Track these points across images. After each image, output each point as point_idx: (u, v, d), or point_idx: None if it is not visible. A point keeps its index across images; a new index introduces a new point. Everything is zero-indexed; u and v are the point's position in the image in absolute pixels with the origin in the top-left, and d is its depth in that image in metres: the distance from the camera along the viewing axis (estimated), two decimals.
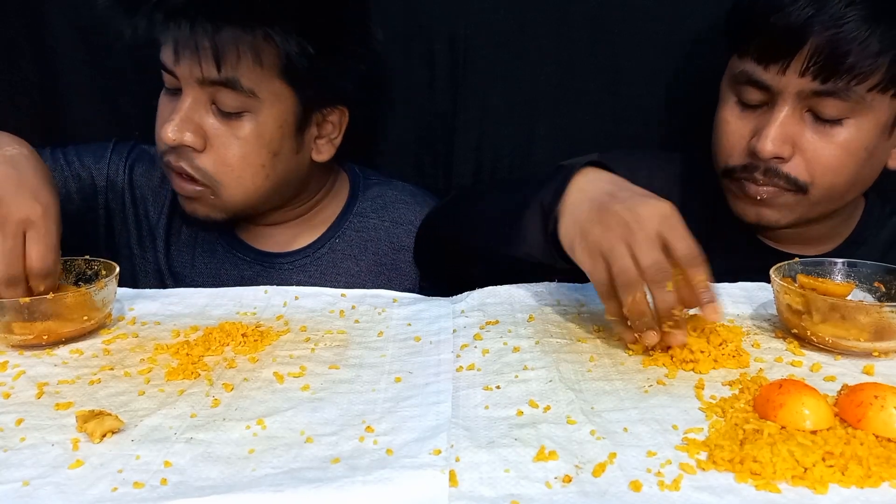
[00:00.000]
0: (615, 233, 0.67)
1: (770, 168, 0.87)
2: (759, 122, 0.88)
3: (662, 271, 0.66)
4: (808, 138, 0.86)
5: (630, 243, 0.66)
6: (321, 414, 0.60)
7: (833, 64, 0.80)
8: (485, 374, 0.66)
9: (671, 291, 0.66)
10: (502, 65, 1.12)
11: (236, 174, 0.93)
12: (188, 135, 0.90)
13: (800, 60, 0.82)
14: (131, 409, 0.60)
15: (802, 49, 0.81)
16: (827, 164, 0.86)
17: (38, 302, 0.71)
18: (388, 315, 0.82)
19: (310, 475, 0.50)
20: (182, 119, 0.90)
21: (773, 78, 0.85)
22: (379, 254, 1.06)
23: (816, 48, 0.81)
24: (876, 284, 0.77)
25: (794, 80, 0.83)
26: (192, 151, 0.92)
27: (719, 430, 0.55)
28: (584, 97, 1.13)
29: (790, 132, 0.85)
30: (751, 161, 0.88)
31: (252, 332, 0.75)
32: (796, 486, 0.49)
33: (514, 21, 1.10)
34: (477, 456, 0.52)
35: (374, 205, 1.09)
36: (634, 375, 0.66)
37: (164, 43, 0.90)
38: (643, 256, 0.66)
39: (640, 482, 0.49)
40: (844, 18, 0.79)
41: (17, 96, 1.12)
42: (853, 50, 0.80)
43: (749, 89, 0.88)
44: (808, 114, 0.85)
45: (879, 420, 0.54)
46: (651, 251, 0.66)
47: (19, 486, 0.50)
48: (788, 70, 0.83)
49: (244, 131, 0.92)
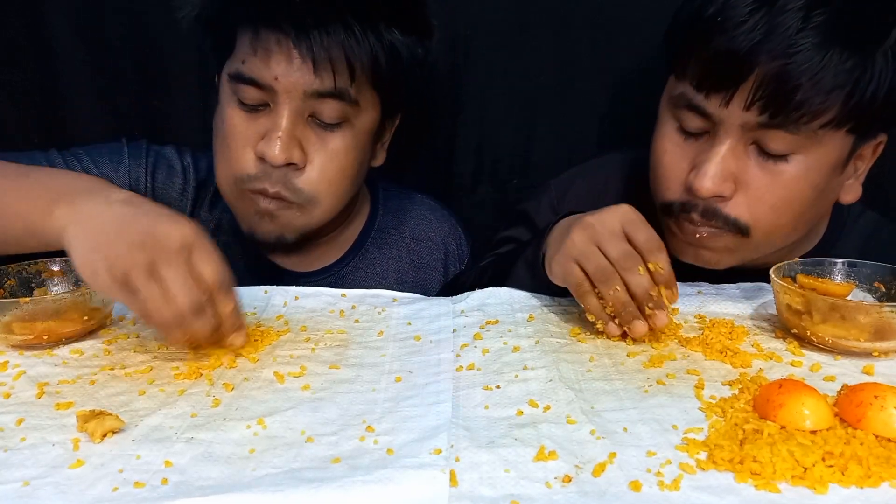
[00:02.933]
0: (582, 237, 0.72)
1: (709, 208, 0.79)
2: (698, 154, 0.79)
3: (631, 258, 0.70)
4: (752, 174, 0.77)
5: (597, 242, 0.71)
6: (321, 414, 0.60)
7: (782, 98, 0.72)
8: (485, 374, 0.66)
9: (643, 274, 0.70)
10: (502, 65, 1.12)
11: (334, 189, 0.89)
12: (296, 152, 0.85)
13: (745, 91, 0.73)
14: (132, 409, 0.60)
15: (748, 79, 0.72)
16: (771, 203, 0.78)
17: (38, 302, 0.71)
18: (388, 314, 0.82)
19: (310, 475, 0.50)
20: (288, 135, 0.84)
21: (714, 108, 0.76)
22: (400, 272, 1.05)
23: (763, 79, 0.72)
24: (876, 284, 0.77)
25: (738, 113, 0.74)
26: (292, 171, 0.86)
27: (719, 430, 0.55)
28: (584, 97, 1.13)
29: (732, 168, 0.77)
30: (689, 198, 0.81)
31: (252, 332, 0.75)
32: (796, 486, 0.49)
33: (514, 21, 1.10)
34: (477, 456, 0.53)
35: (395, 220, 1.07)
36: (634, 375, 0.66)
37: (250, 55, 0.83)
38: (611, 249, 0.70)
39: (640, 482, 0.49)
40: (795, 47, 0.70)
41: (17, 96, 1.12)
42: (804, 84, 0.71)
43: (689, 115, 0.79)
44: (752, 147, 0.77)
45: (879, 420, 0.54)
46: (618, 243, 0.70)
47: (20, 485, 0.50)
48: (732, 102, 0.74)
49: (341, 143, 0.87)
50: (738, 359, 0.68)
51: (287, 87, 0.83)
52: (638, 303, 0.71)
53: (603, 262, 0.70)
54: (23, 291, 0.77)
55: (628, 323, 0.71)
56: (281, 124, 0.84)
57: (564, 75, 1.13)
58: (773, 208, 0.79)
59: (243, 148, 0.87)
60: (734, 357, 0.69)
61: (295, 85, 0.83)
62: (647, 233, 0.71)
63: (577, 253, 0.72)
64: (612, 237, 0.71)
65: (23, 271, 0.78)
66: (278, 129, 0.84)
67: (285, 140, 0.84)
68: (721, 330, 0.74)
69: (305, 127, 0.86)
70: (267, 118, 0.86)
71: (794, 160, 0.76)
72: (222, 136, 0.89)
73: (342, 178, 0.89)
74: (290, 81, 0.83)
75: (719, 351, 0.70)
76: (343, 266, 1.03)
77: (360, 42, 0.82)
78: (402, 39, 0.86)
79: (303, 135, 0.86)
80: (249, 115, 0.86)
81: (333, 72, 0.82)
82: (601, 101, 1.13)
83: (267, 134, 0.85)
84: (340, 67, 0.82)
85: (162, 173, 0.99)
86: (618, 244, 0.70)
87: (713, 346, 0.71)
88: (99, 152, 0.97)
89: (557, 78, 1.13)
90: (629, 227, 0.71)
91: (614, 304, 0.71)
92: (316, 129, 0.87)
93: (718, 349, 0.70)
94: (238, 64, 0.85)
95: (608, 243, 0.71)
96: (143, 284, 0.63)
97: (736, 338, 0.73)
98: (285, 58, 0.82)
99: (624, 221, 0.71)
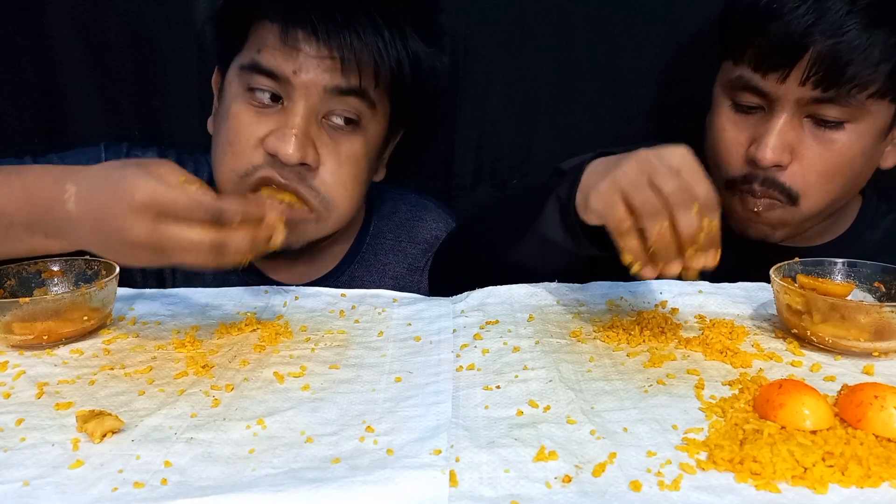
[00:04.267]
0: (634, 168, 0.66)
1: (768, 178, 0.86)
2: (756, 129, 0.87)
3: (687, 193, 0.64)
4: (806, 144, 0.85)
5: (651, 176, 0.65)
6: (321, 414, 0.60)
7: (834, 73, 0.80)
8: (485, 374, 0.66)
9: (696, 214, 0.65)
10: (502, 65, 1.12)
11: (349, 193, 0.87)
12: (311, 151, 0.82)
13: (800, 69, 0.81)
14: (131, 409, 0.60)
15: (803, 58, 0.80)
16: (822, 170, 0.85)
17: (38, 302, 0.71)
18: (388, 315, 0.82)
19: (310, 475, 0.50)
20: (303, 133, 0.81)
21: (771, 86, 0.84)
22: (397, 277, 1.03)
23: (817, 57, 0.80)
24: (876, 284, 0.77)
25: (794, 88, 0.82)
26: (305, 171, 0.84)
27: (719, 430, 0.55)
28: (584, 97, 1.13)
29: (789, 139, 0.85)
30: (750, 170, 0.88)
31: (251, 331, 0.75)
32: (796, 486, 0.49)
33: (514, 21, 1.10)
34: (477, 456, 0.52)
35: (390, 223, 1.05)
36: (634, 375, 0.66)
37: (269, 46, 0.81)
38: (666, 183, 0.65)
39: (640, 482, 0.49)
40: (845, 27, 0.79)
41: (17, 96, 1.12)
42: (855, 59, 0.79)
43: (746, 94, 0.87)
44: (806, 119, 0.85)
45: (879, 420, 0.54)
46: (674, 178, 0.65)
47: (20, 485, 0.50)
48: (788, 79, 0.82)
49: (354, 147, 0.86)
50: (738, 359, 0.68)
51: (306, 83, 0.81)
52: (682, 244, 0.66)
53: (652, 196, 0.65)
54: (23, 291, 0.77)
55: (668, 263, 0.67)
56: (295, 121, 0.82)
57: (564, 75, 1.12)
58: (825, 175, 0.86)
59: (250, 144, 0.83)
60: (734, 357, 0.69)
61: (314, 82, 0.81)
62: (705, 185, 0.66)
63: (627, 183, 0.66)
64: (669, 172, 0.65)
65: (23, 271, 0.78)
66: (293, 125, 0.81)
67: (301, 137, 0.81)
68: (721, 330, 0.74)
69: (319, 128, 0.84)
70: (279, 115, 0.83)
71: (846, 129, 0.84)
72: (226, 132, 0.85)
73: (355, 183, 0.87)
74: (310, 78, 0.81)
75: (719, 351, 0.70)
76: (338, 276, 1.00)
77: (388, 46, 0.81)
78: (426, 49, 0.85)
79: (316, 135, 0.84)
80: (259, 112, 0.84)
81: (360, 72, 0.81)
82: (601, 101, 1.13)
83: (279, 130, 0.82)
84: (367, 69, 0.81)
85: None
86: (674, 179, 0.65)
87: (713, 346, 0.71)
88: (75, 158, 0.95)
89: (557, 78, 1.13)
90: (688, 175, 0.66)
91: (657, 243, 0.66)
92: (329, 131, 0.85)
93: (718, 349, 0.70)
94: (253, 54, 0.83)
95: (663, 177, 0.65)
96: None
97: (736, 338, 0.73)
98: (308, 55, 0.80)
99: (684, 164, 0.66)
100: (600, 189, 0.69)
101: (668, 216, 0.65)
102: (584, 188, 0.72)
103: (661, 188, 0.65)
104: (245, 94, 0.84)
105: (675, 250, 0.66)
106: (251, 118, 0.84)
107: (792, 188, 0.86)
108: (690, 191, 0.65)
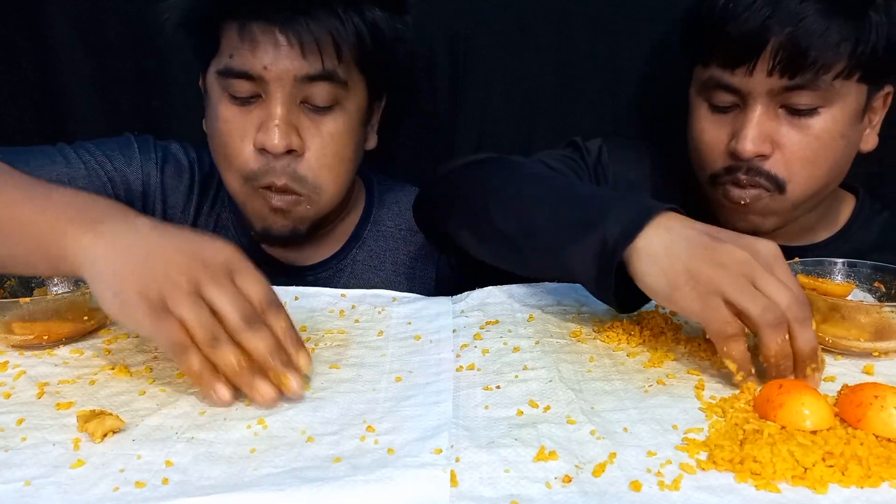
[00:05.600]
0: (734, 270, 0.60)
1: (752, 167, 0.88)
2: (734, 124, 0.89)
3: (805, 307, 0.60)
4: (784, 133, 0.86)
5: (754, 280, 0.60)
6: (322, 413, 0.60)
7: (797, 59, 0.82)
8: (485, 374, 0.66)
9: (814, 328, 0.60)
10: (502, 65, 1.12)
11: (335, 173, 0.90)
12: (294, 138, 0.85)
13: (765, 61, 0.83)
14: (132, 409, 0.60)
15: (765, 49, 0.83)
16: (805, 156, 0.87)
17: (38, 302, 0.71)
18: (388, 314, 0.82)
19: (311, 474, 0.50)
20: (284, 122, 0.85)
21: (741, 80, 0.86)
22: (397, 263, 1.04)
23: (778, 47, 0.82)
24: (876, 284, 0.77)
25: (763, 80, 0.84)
26: (293, 159, 0.87)
27: (719, 430, 0.55)
28: (584, 97, 1.13)
29: (767, 129, 0.86)
30: (732, 163, 0.89)
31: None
32: (796, 486, 0.49)
33: (514, 21, 1.11)
34: (477, 456, 0.53)
35: (391, 212, 1.07)
36: (634, 375, 0.66)
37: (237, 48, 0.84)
38: (779, 293, 0.59)
39: (640, 482, 0.49)
40: (802, 14, 0.81)
41: (18, 96, 1.12)
42: (814, 43, 0.81)
43: (719, 93, 0.89)
44: (781, 109, 0.86)
45: (879, 420, 0.54)
46: (785, 287, 0.60)
47: (21, 485, 0.50)
48: (755, 71, 0.84)
49: (335, 126, 0.88)
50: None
51: (277, 75, 0.84)
52: (800, 362, 0.61)
53: (773, 304, 0.59)
54: (23, 291, 0.77)
55: (783, 375, 0.61)
56: (276, 112, 0.85)
57: (564, 75, 1.13)
58: (808, 161, 0.87)
59: (241, 142, 0.87)
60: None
61: (285, 72, 0.84)
62: (796, 288, 0.61)
63: (730, 288, 0.60)
64: (773, 280, 0.60)
65: None
66: (274, 117, 0.85)
67: (283, 127, 0.85)
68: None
69: (299, 113, 0.87)
70: (261, 109, 0.86)
71: (820, 114, 0.86)
72: (218, 135, 0.89)
73: (339, 160, 0.90)
74: (280, 69, 0.83)
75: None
76: (342, 259, 1.03)
77: (344, 23, 0.83)
78: (383, 16, 0.87)
79: (298, 121, 0.87)
80: (242, 109, 0.87)
81: (321, 54, 0.83)
82: (601, 101, 1.13)
83: (263, 124, 0.86)
84: (328, 49, 0.83)
85: (171, 169, 0.99)
86: (786, 288, 0.60)
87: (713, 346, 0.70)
88: (109, 147, 0.96)
89: (557, 78, 1.13)
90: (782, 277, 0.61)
91: (778, 354, 0.60)
92: (309, 114, 0.88)
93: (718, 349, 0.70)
94: (226, 59, 0.86)
95: (772, 286, 0.60)
96: (187, 306, 0.57)
97: None
98: (273, 46, 0.83)
99: (777, 268, 0.61)
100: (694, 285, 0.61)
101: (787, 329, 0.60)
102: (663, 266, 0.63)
103: (771, 296, 0.59)
104: (226, 96, 0.88)
105: (789, 364, 0.61)
106: (236, 117, 0.87)
107: (777, 175, 0.88)
108: (808, 302, 0.60)
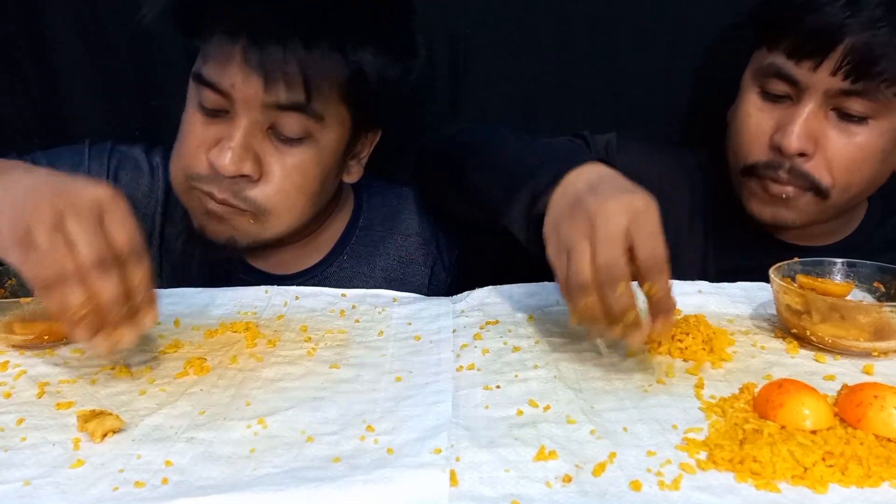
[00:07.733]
0: (580, 229, 0.63)
1: (794, 166, 0.87)
2: (781, 117, 0.88)
3: (613, 272, 0.61)
4: (830, 136, 0.86)
5: (592, 240, 0.62)
6: (322, 413, 0.60)
7: (866, 65, 0.81)
8: (485, 374, 0.66)
9: (622, 294, 0.61)
10: (502, 65, 1.12)
11: (290, 203, 0.86)
12: (248, 164, 0.82)
13: (833, 59, 0.82)
14: (132, 409, 0.60)
15: (837, 48, 0.82)
16: (846, 164, 0.86)
17: (38, 302, 0.71)
18: (388, 314, 0.82)
19: (311, 474, 0.50)
20: (241, 147, 0.81)
21: (803, 73, 0.85)
22: (388, 269, 1.02)
23: (851, 48, 0.81)
24: (875, 284, 0.77)
25: (825, 78, 0.83)
26: (245, 182, 0.83)
27: (719, 429, 0.56)
28: (584, 97, 1.13)
29: (814, 128, 0.86)
30: (773, 157, 0.88)
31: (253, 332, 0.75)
32: (796, 485, 0.49)
33: (514, 21, 1.10)
34: (477, 456, 0.53)
35: (380, 215, 1.04)
36: (634, 375, 0.66)
37: (212, 58, 0.81)
38: (599, 255, 0.61)
39: (640, 482, 0.49)
40: (881, 22, 0.80)
41: (17, 96, 1.12)
42: (887, 54, 0.81)
43: (775, 81, 0.88)
44: (832, 112, 0.86)
45: (879, 420, 0.54)
46: (608, 250, 0.61)
47: (20, 485, 0.50)
48: (820, 68, 0.83)
49: (303, 158, 0.84)
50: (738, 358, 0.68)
51: (245, 97, 0.80)
52: (608, 321, 0.63)
53: (583, 268, 0.62)
54: (23, 291, 0.77)
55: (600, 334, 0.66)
56: (235, 135, 0.82)
57: (564, 75, 1.13)
58: (848, 168, 0.87)
59: (196, 150, 0.84)
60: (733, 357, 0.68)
61: (253, 96, 0.80)
62: (651, 245, 0.61)
63: (571, 245, 0.64)
64: (607, 240, 0.61)
65: None
66: (231, 139, 0.81)
67: (237, 151, 0.81)
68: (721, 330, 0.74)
69: (264, 139, 0.83)
70: (225, 125, 0.83)
71: (869, 125, 0.85)
72: (179, 134, 0.87)
73: (300, 194, 0.87)
74: (247, 92, 0.80)
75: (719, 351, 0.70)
76: (327, 266, 1.00)
77: (320, 60, 0.79)
78: (373, 60, 0.83)
79: (261, 147, 0.83)
80: (208, 119, 0.84)
81: (286, 87, 0.79)
82: (601, 101, 1.13)
83: (219, 143, 0.82)
84: (295, 84, 0.79)
85: (126, 174, 0.97)
86: (607, 250, 0.61)
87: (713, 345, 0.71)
88: (59, 154, 0.95)
89: (557, 78, 1.13)
90: (636, 234, 0.61)
91: (581, 315, 0.64)
92: (276, 142, 0.84)
93: (718, 349, 0.70)
94: (201, 64, 0.83)
95: (599, 247, 0.61)
96: (44, 237, 0.57)
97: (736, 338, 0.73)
98: (241, 68, 0.80)
99: (632, 225, 0.62)
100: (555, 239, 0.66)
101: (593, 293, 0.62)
102: (549, 219, 0.69)
103: (595, 258, 0.61)
104: (197, 102, 0.85)
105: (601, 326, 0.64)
106: (200, 125, 0.84)
107: (820, 180, 0.87)
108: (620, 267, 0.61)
